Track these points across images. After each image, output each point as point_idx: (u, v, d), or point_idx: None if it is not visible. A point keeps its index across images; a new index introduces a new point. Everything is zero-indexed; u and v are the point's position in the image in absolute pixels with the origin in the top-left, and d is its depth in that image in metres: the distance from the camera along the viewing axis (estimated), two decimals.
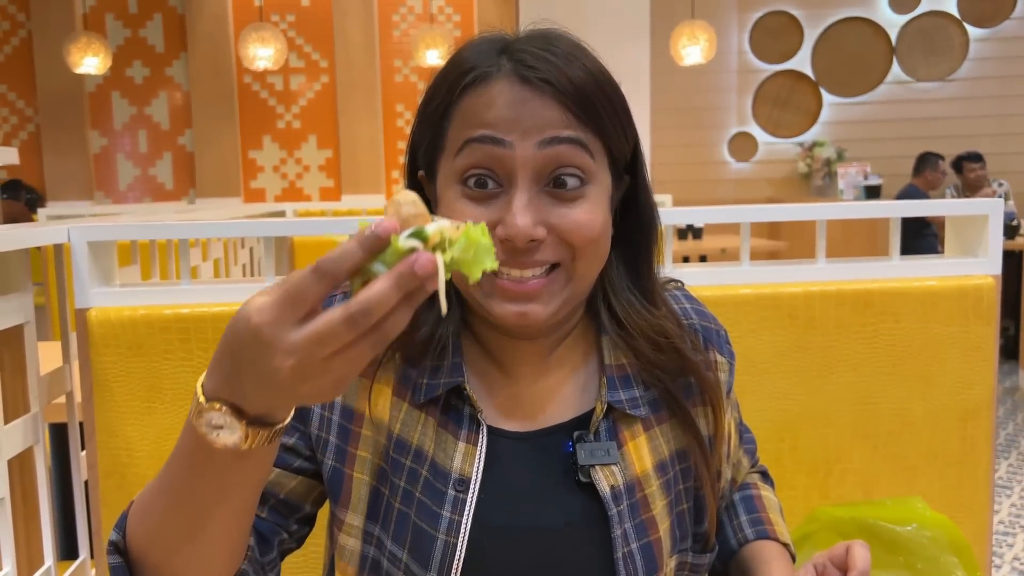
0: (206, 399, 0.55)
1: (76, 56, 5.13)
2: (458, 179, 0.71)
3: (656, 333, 0.78)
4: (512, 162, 0.69)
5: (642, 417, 0.78)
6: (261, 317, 0.50)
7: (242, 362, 0.52)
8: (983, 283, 1.26)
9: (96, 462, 1.18)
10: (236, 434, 0.54)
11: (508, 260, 0.69)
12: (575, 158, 0.70)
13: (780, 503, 0.96)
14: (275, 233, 1.24)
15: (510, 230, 0.68)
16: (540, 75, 0.69)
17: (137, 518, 0.66)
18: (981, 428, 1.28)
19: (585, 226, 0.70)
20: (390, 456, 0.75)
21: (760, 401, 1.24)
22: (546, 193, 0.70)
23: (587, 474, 0.75)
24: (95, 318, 1.16)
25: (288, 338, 0.50)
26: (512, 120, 0.69)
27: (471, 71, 0.72)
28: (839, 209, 1.31)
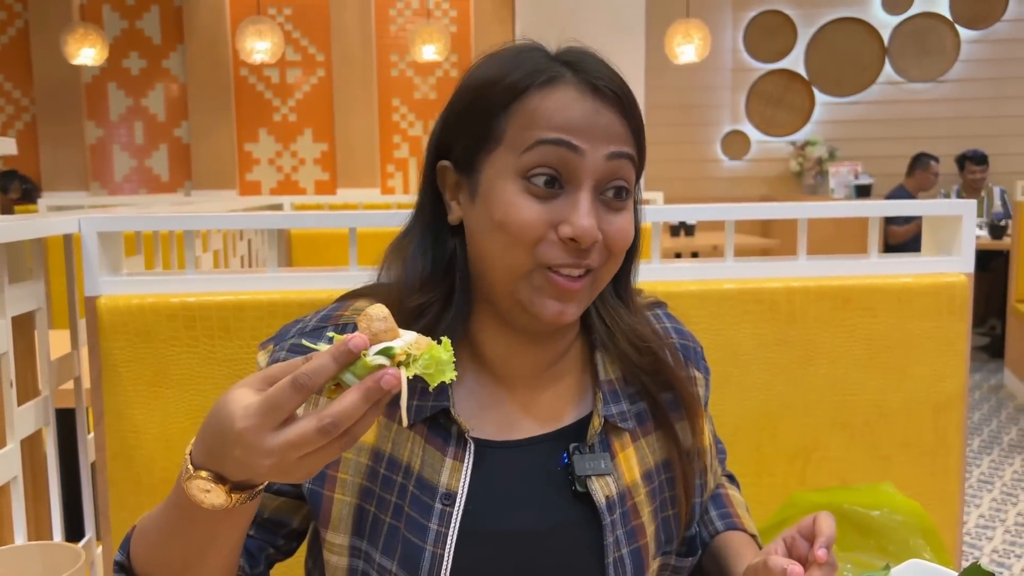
0: (193, 468, 0.62)
1: (73, 47, 5.14)
2: (522, 175, 0.74)
3: (636, 337, 0.83)
4: (582, 168, 0.73)
5: (630, 429, 0.83)
6: (244, 423, 0.57)
7: (226, 450, 0.59)
8: (956, 280, 1.32)
9: (104, 444, 1.23)
10: (221, 498, 0.61)
11: (567, 259, 0.73)
12: (627, 172, 0.76)
13: (746, 502, 1.01)
14: (279, 226, 1.29)
15: (578, 231, 0.72)
16: (608, 86, 0.75)
17: (140, 547, 0.73)
18: (953, 419, 1.33)
19: (625, 234, 0.76)
20: (380, 474, 0.78)
21: (742, 392, 1.30)
22: (600, 200, 0.75)
23: (583, 484, 0.79)
24: (104, 306, 1.21)
25: (267, 442, 0.57)
26: (587, 129, 0.74)
27: (535, 73, 0.75)
28: (820, 208, 1.36)
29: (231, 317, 1.22)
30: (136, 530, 0.74)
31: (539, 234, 0.73)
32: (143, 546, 0.72)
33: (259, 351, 0.85)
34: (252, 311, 1.22)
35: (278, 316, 1.22)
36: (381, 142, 6.38)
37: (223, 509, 0.62)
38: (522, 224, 0.73)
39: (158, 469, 1.23)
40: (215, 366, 1.22)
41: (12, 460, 1.18)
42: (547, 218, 0.73)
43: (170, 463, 1.23)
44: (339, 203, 3.42)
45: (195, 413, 1.22)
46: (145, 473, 1.23)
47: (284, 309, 1.22)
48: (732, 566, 0.88)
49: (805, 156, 6.52)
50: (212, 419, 0.60)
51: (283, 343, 0.82)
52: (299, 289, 1.25)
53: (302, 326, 0.83)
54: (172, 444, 1.23)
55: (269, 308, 1.22)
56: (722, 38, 6.52)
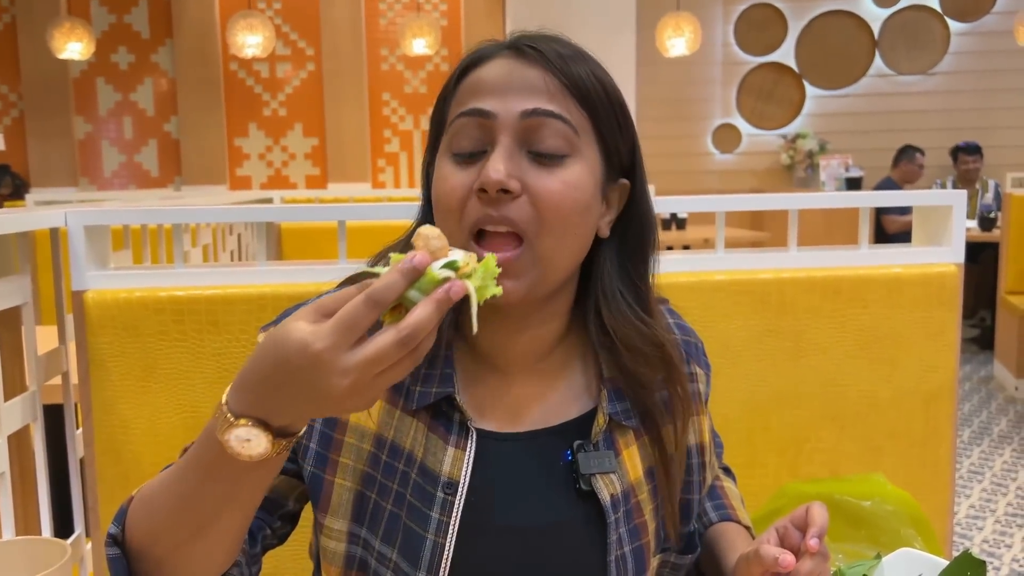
0: (234, 416, 0.60)
1: (59, 41, 5.11)
2: (450, 151, 0.75)
3: (647, 343, 0.79)
4: (496, 129, 0.73)
5: (634, 427, 0.82)
6: (322, 343, 0.56)
7: (294, 383, 0.57)
8: (947, 271, 1.32)
9: (92, 439, 1.22)
10: (262, 446, 0.60)
11: (482, 212, 0.71)
12: (558, 129, 0.73)
13: (741, 495, 1.01)
14: (267, 219, 1.28)
15: (483, 178, 0.71)
16: (533, 45, 0.74)
17: (141, 515, 0.70)
18: (943, 410, 1.34)
19: (557, 193, 0.72)
20: (382, 461, 0.78)
21: (733, 383, 1.30)
22: (528, 157, 0.73)
23: (588, 482, 0.78)
24: (92, 300, 1.20)
25: (346, 361, 0.56)
26: (499, 89, 0.73)
27: (474, 55, 0.77)
28: (811, 199, 1.36)
29: (220, 311, 1.21)
30: (136, 499, 0.72)
31: (460, 196, 0.73)
32: (145, 514, 0.70)
33: (260, 333, 0.84)
34: (241, 305, 1.21)
35: (268, 310, 1.21)
36: (372, 136, 6.36)
37: (260, 460, 0.61)
38: (447, 192, 0.74)
39: (147, 464, 1.22)
40: (204, 360, 1.21)
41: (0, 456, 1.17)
42: (468, 181, 0.73)
43: (159, 458, 1.22)
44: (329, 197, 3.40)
45: (184, 408, 1.21)
46: (134, 468, 1.22)
47: (274, 303, 1.21)
48: (726, 557, 0.88)
49: (796, 149, 6.53)
50: (268, 354, 0.59)
51: None
52: (289, 283, 1.24)
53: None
54: (161, 439, 1.22)
55: (259, 302, 1.21)
56: (713, 31, 6.52)
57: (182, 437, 1.22)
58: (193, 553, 0.68)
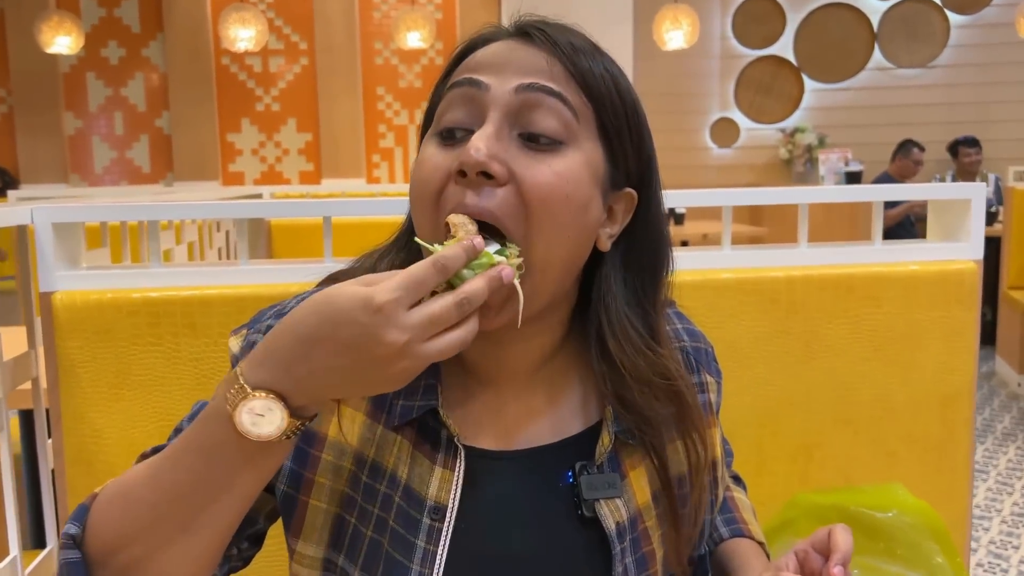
0: (252, 387, 0.57)
1: (48, 35, 5.02)
2: (436, 131, 0.68)
3: (657, 375, 0.70)
4: (486, 102, 0.65)
5: (641, 445, 0.74)
6: (386, 296, 0.54)
7: (338, 342, 0.55)
8: (965, 268, 1.25)
9: (62, 449, 1.15)
10: (275, 423, 0.57)
11: (460, 197, 0.64)
12: (555, 109, 0.65)
13: (753, 506, 0.94)
14: (247, 215, 1.21)
15: (462, 156, 0.63)
16: (537, 25, 0.68)
17: (114, 512, 0.63)
18: (961, 414, 1.27)
19: (546, 185, 0.64)
20: (362, 482, 0.70)
21: (741, 387, 1.23)
22: (519, 141, 0.65)
23: (591, 508, 0.70)
24: (60, 302, 1.12)
25: (407, 317, 0.55)
26: (497, 65, 0.66)
27: (475, 36, 0.71)
28: (821, 193, 1.29)
29: (197, 313, 1.14)
30: (105, 495, 0.65)
31: (438, 181, 0.65)
32: (120, 510, 0.62)
33: (231, 337, 0.77)
34: (220, 306, 1.14)
35: (248, 311, 1.13)
36: (366, 131, 6.28)
37: (268, 442, 0.57)
38: (422, 178, 0.66)
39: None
40: (181, 366, 1.14)
41: None
42: (447, 164, 0.65)
43: None
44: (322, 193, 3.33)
45: (159, 416, 1.14)
46: (107, 479, 1.15)
47: (255, 304, 1.13)
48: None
49: (794, 143, 6.47)
50: (308, 316, 0.56)
51: (259, 325, 0.75)
52: (271, 282, 1.17)
53: (280, 308, 0.76)
54: (135, 449, 1.14)
55: (238, 303, 1.14)
56: (710, 24, 6.45)
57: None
58: (172, 558, 0.61)
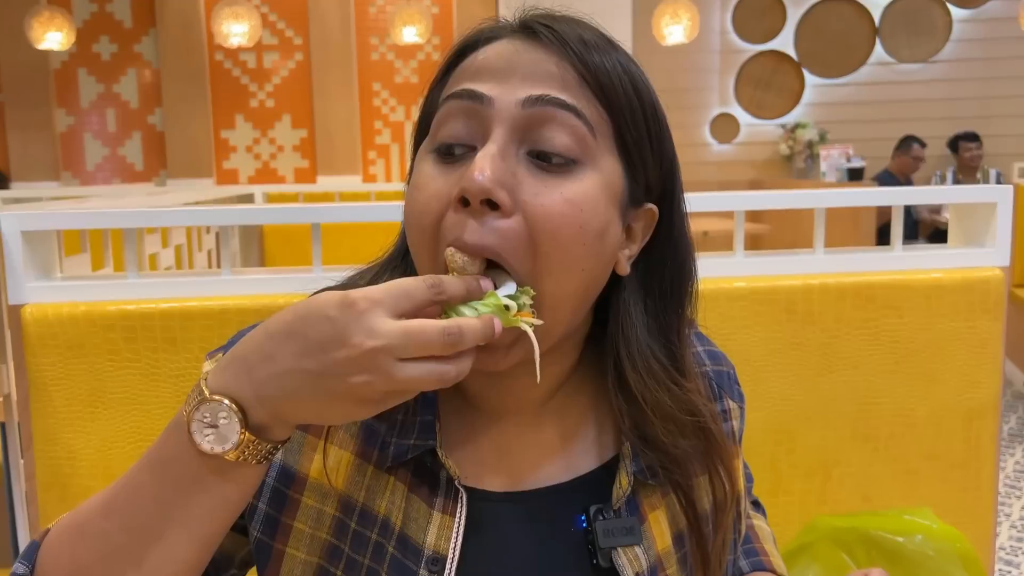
0: (210, 392, 0.51)
1: (38, 31, 4.94)
2: (433, 147, 0.60)
3: (683, 410, 0.63)
4: (489, 118, 0.57)
5: (660, 484, 0.67)
6: (366, 295, 0.49)
7: (303, 338, 0.49)
8: (991, 275, 1.19)
9: (34, 473, 1.08)
10: (231, 437, 0.51)
11: (461, 229, 0.56)
12: (569, 124, 0.57)
13: (773, 533, 0.88)
14: (230, 222, 1.14)
15: (464, 181, 0.55)
16: (547, 25, 0.59)
17: (64, 547, 0.57)
18: (987, 428, 1.21)
19: (557, 215, 0.56)
20: (351, 529, 0.63)
21: (755, 402, 1.16)
22: (527, 160, 0.57)
23: (607, 557, 0.63)
24: (31, 315, 1.05)
25: (382, 322, 0.49)
26: (500, 71, 0.58)
27: (474, 33, 0.62)
28: (840, 197, 1.22)
29: (177, 327, 1.07)
30: (56, 531, 0.58)
31: (436, 210, 0.57)
32: (70, 543, 0.56)
33: (206, 361, 0.70)
34: (201, 320, 1.07)
35: (231, 325, 1.07)
36: (362, 128, 6.21)
37: (219, 463, 0.51)
38: (420, 206, 0.58)
39: None
40: (160, 383, 1.07)
41: None
42: (447, 189, 0.57)
43: None
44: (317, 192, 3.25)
45: (137, 436, 1.07)
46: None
47: (238, 317, 1.07)
48: None
49: (795, 139, 6.40)
50: (283, 314, 0.51)
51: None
52: (256, 294, 1.10)
53: None
54: (112, 472, 1.08)
55: (221, 316, 1.07)
56: (710, 19, 6.38)
57: None
58: None
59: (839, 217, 4.82)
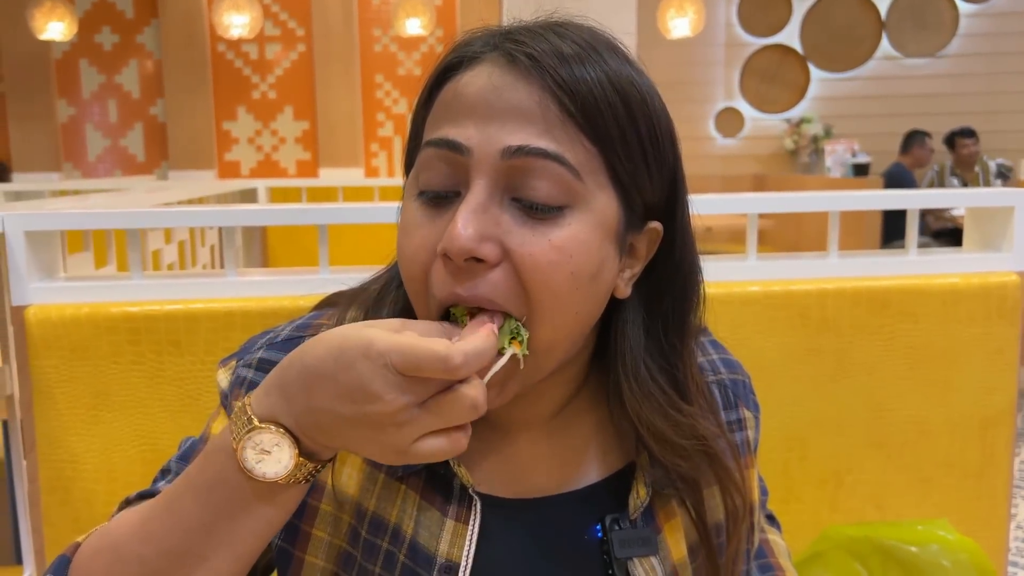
0: (259, 419, 0.50)
1: (40, 21, 4.91)
2: (417, 189, 0.58)
3: (684, 436, 0.62)
4: (469, 169, 0.55)
5: (675, 495, 0.66)
6: (395, 349, 0.47)
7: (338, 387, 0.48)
8: (1007, 280, 1.17)
9: (37, 476, 1.06)
10: (282, 462, 0.50)
11: (448, 288, 0.55)
12: (553, 172, 0.54)
13: (788, 548, 0.86)
14: (234, 223, 1.12)
15: (446, 240, 0.53)
16: (529, 51, 0.55)
17: (99, 565, 0.57)
18: (1002, 436, 1.19)
19: (545, 264, 0.54)
20: (362, 538, 0.63)
21: (768, 408, 1.13)
22: (511, 207, 0.55)
23: (623, 568, 0.62)
24: (34, 317, 1.04)
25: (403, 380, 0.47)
26: (479, 112, 0.55)
27: (456, 51, 0.58)
28: (855, 200, 1.21)
29: (182, 329, 1.05)
30: (88, 548, 0.58)
31: (424, 261, 0.56)
32: (106, 563, 0.56)
33: (219, 369, 0.69)
34: (206, 322, 1.05)
35: (236, 328, 1.05)
36: (364, 120, 6.18)
37: (269, 487, 0.51)
38: (409, 256, 0.57)
39: (100, 504, 1.07)
40: (164, 386, 1.05)
41: None
42: (433, 239, 0.55)
43: (113, 497, 1.07)
44: (320, 187, 3.23)
45: (141, 440, 1.06)
46: (85, 509, 1.07)
47: (243, 320, 1.05)
48: None
49: (800, 133, 6.37)
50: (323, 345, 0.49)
51: (249, 357, 0.66)
52: (262, 296, 1.08)
53: (272, 336, 0.68)
54: (116, 475, 1.07)
55: (226, 319, 1.05)
56: (716, 12, 6.34)
57: (140, 473, 1.07)
58: None
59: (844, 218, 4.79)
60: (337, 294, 0.72)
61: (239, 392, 0.65)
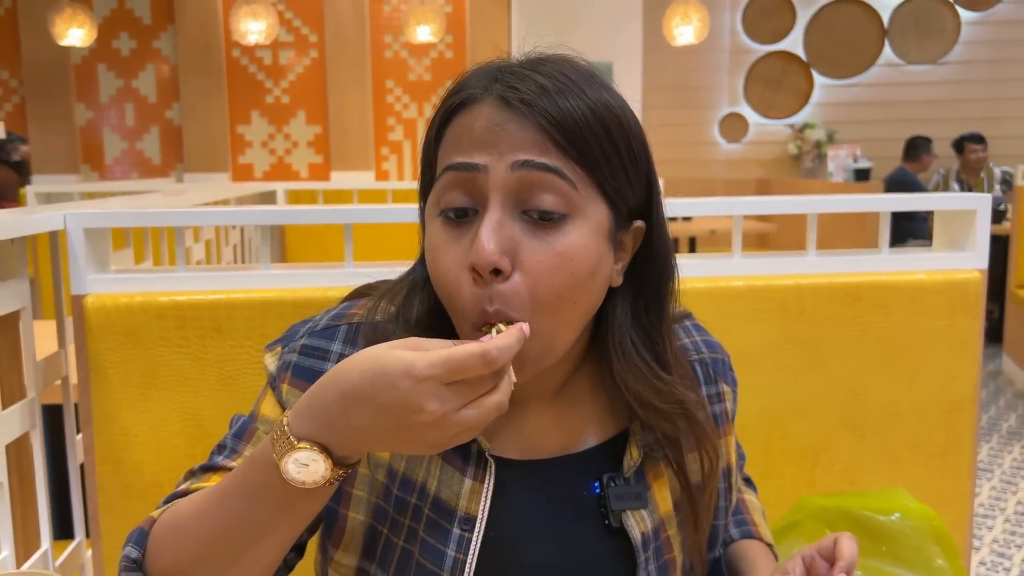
0: (297, 440, 0.59)
1: (61, 27, 5.06)
2: (439, 210, 0.69)
3: (665, 401, 0.73)
4: (486, 185, 0.65)
5: (663, 457, 0.77)
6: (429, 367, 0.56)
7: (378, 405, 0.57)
8: (970, 277, 1.28)
9: (93, 447, 1.19)
10: (319, 472, 0.60)
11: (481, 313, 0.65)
12: (554, 184, 0.65)
13: (763, 507, 0.98)
14: (275, 222, 1.24)
15: (473, 255, 0.64)
16: (521, 96, 0.65)
17: (169, 541, 0.68)
18: (965, 420, 1.30)
19: (550, 269, 0.65)
20: (393, 494, 0.74)
21: (750, 392, 1.26)
22: (522, 219, 0.66)
23: (618, 519, 0.73)
24: (92, 305, 1.16)
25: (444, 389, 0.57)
26: (488, 143, 0.66)
27: (459, 92, 0.69)
28: (830, 203, 1.32)
29: (223, 316, 1.17)
30: (163, 524, 0.69)
31: (455, 279, 0.66)
32: (175, 541, 0.67)
33: (266, 353, 0.80)
34: (244, 310, 1.18)
35: (271, 316, 1.17)
36: (375, 125, 6.31)
37: (313, 488, 0.60)
38: (441, 274, 0.68)
39: (148, 473, 1.19)
40: (207, 367, 1.18)
41: None
42: (460, 257, 0.66)
43: (160, 466, 1.19)
44: (333, 190, 3.36)
45: (186, 415, 1.18)
46: (135, 477, 1.19)
47: (277, 308, 1.18)
48: None
49: (803, 139, 6.47)
50: (358, 372, 0.58)
51: (292, 344, 0.77)
52: (293, 287, 1.21)
53: (312, 325, 0.78)
54: (162, 447, 1.19)
55: (262, 307, 1.18)
56: (720, 19, 6.45)
57: (184, 446, 1.19)
58: None
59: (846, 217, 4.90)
60: (366, 286, 0.83)
61: (285, 375, 0.76)
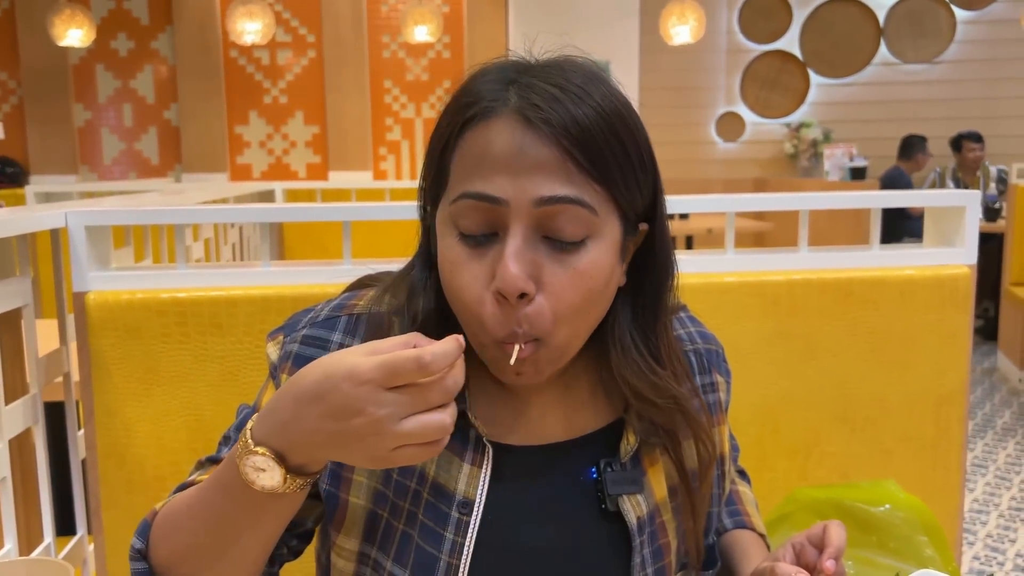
0: (254, 443, 0.61)
1: (59, 28, 5.07)
2: (455, 227, 0.69)
3: (660, 396, 0.75)
4: (507, 217, 0.66)
5: (659, 444, 0.78)
6: (370, 372, 0.57)
7: (325, 407, 0.58)
8: (959, 273, 1.30)
9: (95, 443, 1.20)
10: (274, 479, 0.61)
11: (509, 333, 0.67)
12: (577, 215, 0.66)
13: (756, 499, 0.99)
14: (277, 219, 1.26)
15: (501, 282, 0.65)
16: (541, 114, 0.65)
17: (165, 533, 0.71)
18: (955, 413, 1.32)
19: (570, 289, 0.67)
20: (393, 479, 0.75)
21: (743, 386, 1.28)
22: (544, 244, 0.67)
23: (614, 503, 0.75)
24: (93, 302, 1.18)
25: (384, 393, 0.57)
26: (509, 170, 0.65)
27: (474, 104, 0.68)
28: (821, 200, 1.34)
29: (223, 313, 1.19)
30: (160, 515, 0.72)
31: (477, 297, 0.68)
32: (168, 533, 0.70)
33: (268, 341, 0.82)
34: (245, 306, 1.19)
35: (271, 312, 1.19)
36: (373, 125, 6.32)
37: (273, 493, 0.62)
38: (461, 291, 0.69)
39: (150, 467, 1.21)
40: (207, 363, 1.19)
41: (0, 460, 1.16)
42: (482, 277, 0.67)
43: (162, 461, 1.21)
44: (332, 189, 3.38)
45: (187, 411, 1.20)
46: (137, 472, 1.21)
47: (278, 304, 1.19)
48: (739, 565, 0.87)
49: (800, 138, 6.49)
50: (310, 376, 0.59)
51: (294, 334, 0.79)
52: (292, 284, 1.22)
53: (313, 315, 0.80)
54: (164, 443, 1.21)
55: (262, 303, 1.19)
56: (717, 19, 6.47)
57: (186, 441, 1.21)
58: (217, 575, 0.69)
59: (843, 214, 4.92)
60: (368, 277, 0.85)
61: (286, 365, 0.77)
